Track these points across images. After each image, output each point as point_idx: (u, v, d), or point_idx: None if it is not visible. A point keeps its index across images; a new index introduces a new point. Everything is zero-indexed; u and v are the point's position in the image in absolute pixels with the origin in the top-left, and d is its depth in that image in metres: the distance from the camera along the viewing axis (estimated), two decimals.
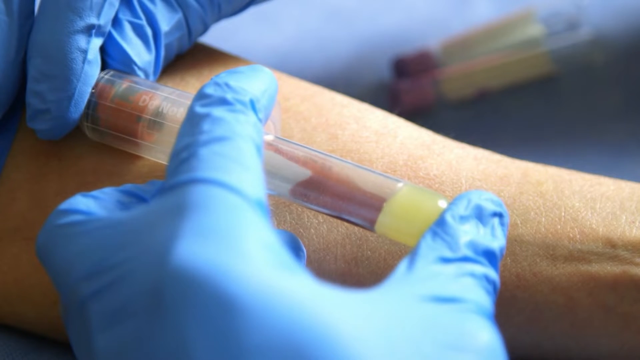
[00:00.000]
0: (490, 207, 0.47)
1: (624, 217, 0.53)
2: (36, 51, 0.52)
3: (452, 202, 0.47)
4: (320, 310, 0.38)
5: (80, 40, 0.51)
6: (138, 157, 0.54)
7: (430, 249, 0.44)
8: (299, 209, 0.53)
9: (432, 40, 0.81)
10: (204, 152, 0.43)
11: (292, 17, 0.84)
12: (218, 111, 0.45)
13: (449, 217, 0.46)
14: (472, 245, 0.45)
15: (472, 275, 0.44)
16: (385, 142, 0.55)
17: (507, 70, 0.78)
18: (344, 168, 0.49)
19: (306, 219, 0.53)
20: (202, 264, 0.38)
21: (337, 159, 0.49)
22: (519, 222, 0.53)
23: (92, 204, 0.45)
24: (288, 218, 0.53)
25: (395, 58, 0.80)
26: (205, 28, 0.57)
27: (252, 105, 0.46)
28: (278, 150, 0.49)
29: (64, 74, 0.51)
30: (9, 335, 0.57)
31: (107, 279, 0.41)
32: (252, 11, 0.78)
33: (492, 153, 0.57)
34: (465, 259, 0.44)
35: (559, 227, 0.53)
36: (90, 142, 0.54)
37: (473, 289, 0.43)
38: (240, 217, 0.41)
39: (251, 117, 0.45)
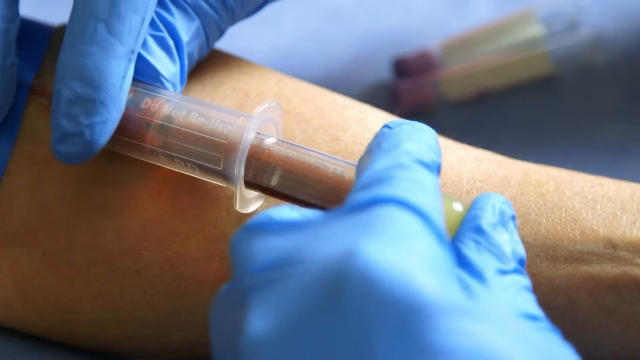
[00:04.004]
0: (508, 210, 0.48)
1: (625, 218, 0.53)
2: (74, 73, 0.50)
3: (477, 207, 0.47)
4: (501, 333, 0.39)
5: (121, 66, 0.51)
6: (138, 163, 0.54)
7: (485, 260, 0.45)
8: None
9: (432, 40, 0.81)
10: (402, 178, 0.44)
11: (292, 17, 0.84)
12: (421, 173, 0.45)
13: (485, 226, 0.46)
14: (514, 254, 0.46)
15: (527, 288, 0.45)
16: None
17: (507, 70, 0.78)
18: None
19: None
20: (389, 268, 0.39)
21: (350, 163, 0.50)
22: (519, 223, 0.53)
23: (286, 212, 0.45)
24: None
25: (395, 58, 0.80)
26: (221, 33, 0.57)
27: (438, 170, 0.47)
28: (288, 158, 0.50)
29: (102, 98, 0.50)
30: (10, 335, 0.57)
31: (278, 274, 0.41)
32: None
33: (493, 154, 0.57)
34: (515, 271, 0.45)
35: (560, 228, 0.53)
36: None
37: (534, 304, 0.44)
38: (429, 241, 0.42)
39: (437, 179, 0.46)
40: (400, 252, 0.40)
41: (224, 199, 0.53)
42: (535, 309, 0.44)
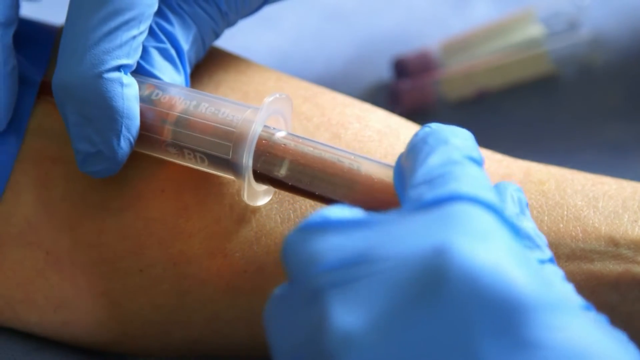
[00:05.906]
0: (523, 198, 0.48)
1: (627, 216, 0.53)
2: (72, 95, 0.51)
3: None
4: (591, 327, 0.40)
5: (115, 79, 0.51)
6: (142, 162, 0.54)
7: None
8: (303, 206, 0.53)
9: (432, 40, 0.81)
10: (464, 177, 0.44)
11: (292, 17, 0.84)
12: (475, 169, 0.45)
13: (513, 217, 0.47)
14: (542, 242, 0.46)
15: (565, 278, 0.45)
16: (388, 142, 0.55)
17: (507, 70, 0.78)
18: (372, 167, 0.49)
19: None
20: (485, 265, 0.39)
21: (365, 157, 0.49)
22: None
23: (344, 211, 0.45)
24: (292, 216, 0.53)
25: (395, 58, 0.80)
26: (216, 37, 0.57)
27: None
28: (302, 152, 0.50)
29: (107, 114, 0.51)
30: (10, 335, 0.57)
31: (356, 272, 0.41)
32: None
33: (494, 153, 0.57)
34: (551, 260, 0.46)
35: (562, 225, 0.53)
36: None
37: (577, 294, 0.44)
38: (507, 236, 0.42)
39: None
40: (490, 248, 0.40)
41: (227, 196, 0.53)
42: (582, 300, 0.43)
